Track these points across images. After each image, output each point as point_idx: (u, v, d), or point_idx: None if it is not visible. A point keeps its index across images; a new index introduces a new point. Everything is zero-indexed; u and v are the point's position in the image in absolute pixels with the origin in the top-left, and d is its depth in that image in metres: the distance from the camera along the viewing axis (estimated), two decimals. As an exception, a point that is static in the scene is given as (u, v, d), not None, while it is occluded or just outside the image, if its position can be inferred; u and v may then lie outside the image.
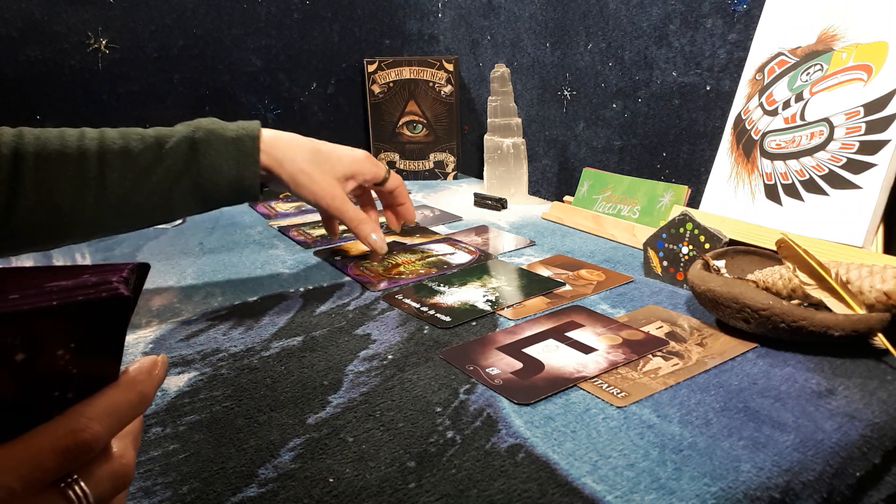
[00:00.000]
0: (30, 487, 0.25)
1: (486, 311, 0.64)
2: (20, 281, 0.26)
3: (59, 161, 0.61)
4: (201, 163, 0.65)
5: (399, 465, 0.42)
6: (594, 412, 0.47)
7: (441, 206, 1.07)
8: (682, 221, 0.68)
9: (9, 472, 0.25)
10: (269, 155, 0.67)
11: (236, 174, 0.66)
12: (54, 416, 0.27)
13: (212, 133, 0.66)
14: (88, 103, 1.08)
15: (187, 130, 0.65)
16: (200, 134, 0.65)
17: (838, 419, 0.45)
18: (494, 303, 0.66)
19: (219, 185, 0.66)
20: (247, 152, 0.66)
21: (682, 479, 0.39)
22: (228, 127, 0.67)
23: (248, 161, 0.66)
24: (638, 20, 0.93)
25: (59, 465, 0.26)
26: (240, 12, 1.19)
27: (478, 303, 0.66)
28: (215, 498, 0.39)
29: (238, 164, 0.66)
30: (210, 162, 0.65)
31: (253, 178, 0.67)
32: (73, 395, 0.28)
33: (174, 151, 0.64)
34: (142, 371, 0.30)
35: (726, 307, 0.55)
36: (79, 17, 1.05)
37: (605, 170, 0.99)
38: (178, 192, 0.65)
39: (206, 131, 0.66)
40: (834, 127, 0.67)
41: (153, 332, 0.63)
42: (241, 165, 0.66)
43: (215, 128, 0.66)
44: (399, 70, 1.24)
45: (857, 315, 0.51)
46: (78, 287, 0.26)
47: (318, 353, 0.57)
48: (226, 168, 0.65)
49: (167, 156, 0.64)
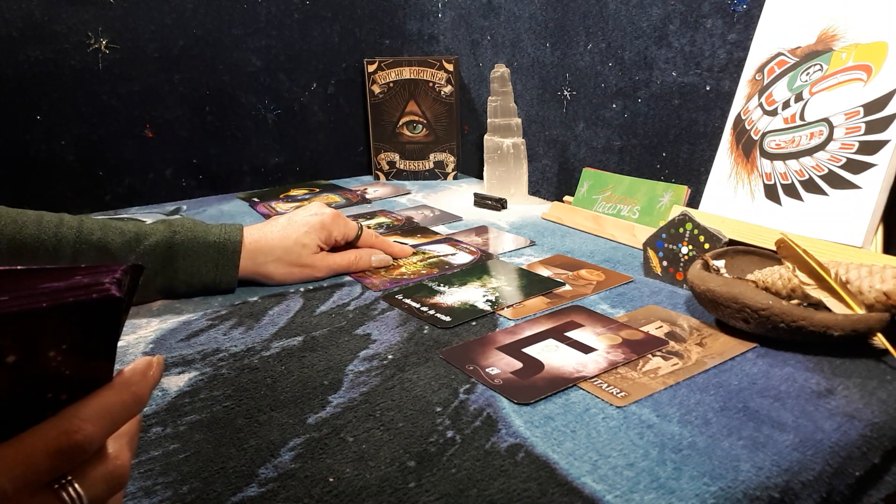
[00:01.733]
0: (23, 489, 0.25)
1: (486, 311, 0.64)
2: (11, 282, 0.25)
3: (33, 248, 0.60)
4: (178, 266, 0.67)
5: (399, 464, 0.42)
6: (594, 412, 0.47)
7: (441, 207, 1.07)
8: (681, 221, 0.68)
9: (1, 473, 0.25)
10: (250, 259, 0.70)
11: (213, 278, 0.68)
12: (48, 418, 0.27)
13: (192, 238, 0.67)
14: (88, 103, 1.08)
15: (167, 232, 0.66)
16: (179, 238, 0.66)
17: (838, 419, 0.45)
18: (494, 303, 0.66)
19: (193, 286, 0.68)
20: (227, 258, 0.68)
21: (681, 478, 0.39)
22: (210, 231, 0.68)
23: (227, 267, 0.68)
24: (638, 20, 0.93)
25: (53, 467, 0.26)
26: (240, 12, 1.19)
27: (478, 303, 0.66)
28: (215, 498, 0.39)
29: (217, 269, 0.68)
30: (188, 266, 0.67)
31: (231, 282, 0.69)
32: (67, 396, 0.28)
33: (152, 250, 0.65)
34: (136, 372, 0.30)
35: (726, 307, 0.56)
36: (79, 17, 1.05)
37: (605, 170, 0.99)
38: (152, 289, 0.67)
39: (186, 236, 0.67)
40: (833, 127, 0.67)
41: (153, 332, 0.63)
42: (219, 271, 0.68)
43: (196, 232, 0.67)
44: (399, 70, 1.24)
45: (857, 315, 0.51)
46: (70, 288, 0.26)
47: (318, 353, 0.57)
48: (204, 272, 0.68)
49: (145, 254, 0.65)
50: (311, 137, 1.32)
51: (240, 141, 1.24)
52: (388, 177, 1.30)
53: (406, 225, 0.96)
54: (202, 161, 1.21)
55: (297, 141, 1.30)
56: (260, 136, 1.25)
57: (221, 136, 1.22)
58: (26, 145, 1.05)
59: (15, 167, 1.05)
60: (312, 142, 1.32)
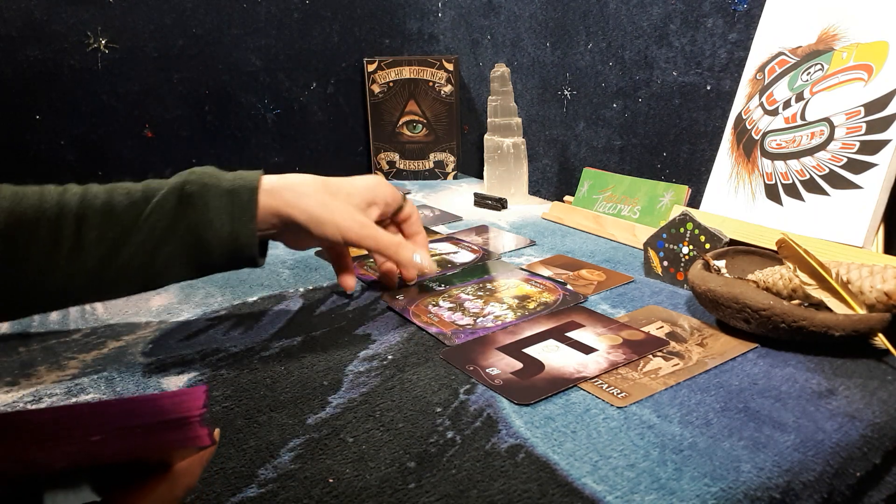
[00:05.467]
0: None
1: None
2: (98, 416, 0.25)
3: (33, 220, 0.53)
4: (190, 218, 0.56)
5: (399, 465, 0.42)
6: (594, 412, 0.47)
7: (441, 206, 1.07)
8: (682, 221, 0.68)
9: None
10: (277, 198, 0.58)
11: (229, 231, 0.56)
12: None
13: (204, 185, 0.57)
14: (88, 103, 1.08)
15: (178, 181, 0.57)
16: (191, 187, 0.57)
17: (839, 419, 0.45)
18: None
19: (209, 243, 0.56)
20: (242, 206, 0.57)
21: (682, 479, 0.39)
22: (224, 177, 0.58)
23: (243, 216, 0.57)
24: (638, 20, 0.93)
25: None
26: (240, 12, 1.18)
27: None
28: (215, 498, 0.39)
29: (232, 219, 0.56)
30: (200, 217, 0.56)
31: (250, 236, 0.57)
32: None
33: (160, 206, 0.56)
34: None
35: (727, 307, 0.55)
36: (78, 16, 1.05)
37: (606, 170, 0.99)
38: (164, 253, 0.56)
39: (199, 184, 0.57)
40: (834, 127, 0.67)
41: (153, 332, 0.63)
42: (235, 221, 0.56)
43: (209, 179, 0.57)
44: (399, 70, 1.24)
45: (858, 315, 0.51)
46: (158, 429, 0.26)
47: (318, 353, 0.57)
48: (218, 224, 0.56)
49: (153, 212, 0.55)
50: (310, 137, 1.32)
51: (239, 141, 1.24)
52: (388, 177, 1.30)
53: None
54: (202, 161, 1.20)
55: (297, 141, 1.30)
56: (259, 135, 1.25)
57: (221, 136, 1.22)
58: (26, 145, 1.05)
59: (15, 167, 1.05)
60: (312, 141, 1.32)
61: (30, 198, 0.54)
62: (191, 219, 0.56)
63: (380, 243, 0.63)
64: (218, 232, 0.56)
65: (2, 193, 0.54)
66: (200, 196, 0.56)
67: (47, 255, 0.53)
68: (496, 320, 0.62)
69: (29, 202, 0.54)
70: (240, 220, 0.57)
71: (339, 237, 0.61)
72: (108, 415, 0.25)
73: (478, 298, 0.67)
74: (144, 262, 0.55)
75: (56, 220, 0.54)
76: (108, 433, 0.25)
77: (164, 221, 0.56)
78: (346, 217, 0.61)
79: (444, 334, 0.59)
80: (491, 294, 0.68)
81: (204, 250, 0.56)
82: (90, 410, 0.25)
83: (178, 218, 0.56)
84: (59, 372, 0.55)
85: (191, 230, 0.56)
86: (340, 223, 0.60)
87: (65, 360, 0.57)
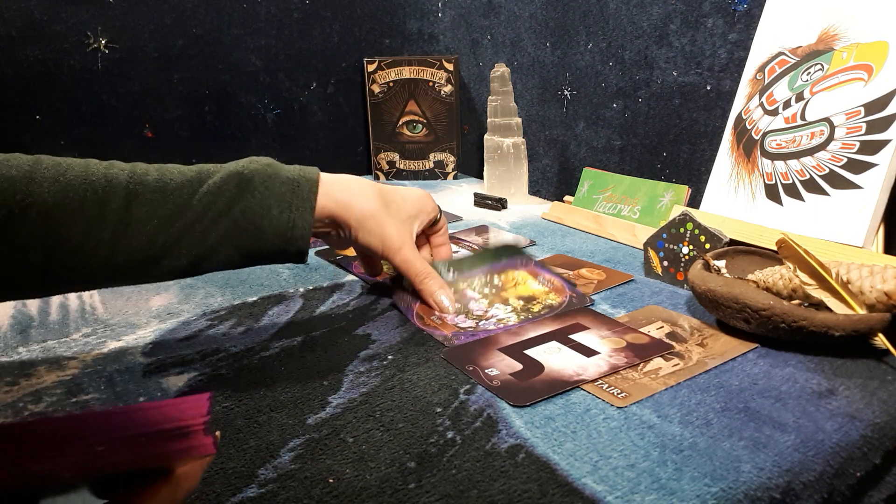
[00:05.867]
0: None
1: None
2: (102, 426, 0.25)
3: (80, 193, 0.50)
4: (248, 202, 0.54)
5: (399, 465, 0.42)
6: (594, 412, 0.47)
7: (441, 206, 1.06)
8: (682, 221, 0.68)
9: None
10: (332, 198, 0.58)
11: (287, 220, 0.55)
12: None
13: (265, 172, 0.56)
14: (88, 103, 1.08)
15: (237, 166, 0.56)
16: (250, 172, 0.55)
17: (839, 419, 0.45)
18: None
19: (264, 231, 0.55)
20: (303, 196, 0.56)
21: (682, 479, 0.39)
22: (284, 168, 0.57)
23: (303, 207, 0.56)
24: (638, 20, 0.93)
25: None
26: (240, 12, 1.18)
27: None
28: (215, 498, 0.39)
29: (291, 209, 0.55)
30: (258, 202, 0.54)
31: (305, 228, 0.56)
32: None
33: (217, 187, 0.54)
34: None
35: (727, 307, 0.55)
36: (78, 16, 1.05)
37: (606, 170, 0.99)
38: (214, 236, 0.53)
39: (258, 170, 0.56)
40: (834, 127, 0.67)
41: (152, 332, 0.63)
42: (294, 210, 0.55)
43: (269, 168, 0.56)
44: (399, 70, 1.24)
45: (858, 315, 0.51)
46: (162, 438, 0.26)
47: (318, 353, 0.57)
48: (276, 212, 0.55)
49: (208, 192, 0.54)
50: (310, 137, 1.32)
51: (239, 141, 1.23)
52: (388, 177, 1.30)
53: None
54: (202, 161, 1.20)
55: (297, 140, 1.30)
56: (259, 135, 1.25)
57: (221, 136, 1.22)
58: (26, 145, 1.05)
59: (14, 167, 1.05)
60: (312, 141, 1.32)
61: (75, 169, 0.51)
62: (248, 203, 0.54)
63: (411, 269, 0.63)
64: (275, 220, 0.55)
65: (43, 163, 0.51)
66: (262, 182, 0.55)
67: (93, 228, 0.50)
68: (499, 324, 0.61)
69: (75, 173, 0.51)
70: (299, 210, 0.55)
71: (380, 250, 0.61)
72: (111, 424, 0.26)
73: (483, 298, 0.67)
74: (192, 241, 0.53)
75: (104, 192, 0.51)
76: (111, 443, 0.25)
77: (220, 204, 0.54)
78: (391, 232, 0.61)
79: (445, 336, 0.59)
80: (497, 292, 0.68)
81: (257, 237, 0.55)
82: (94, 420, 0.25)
83: (234, 201, 0.54)
84: (59, 372, 0.55)
85: (246, 215, 0.54)
86: (386, 239, 0.61)
87: (65, 360, 0.57)
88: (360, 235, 0.60)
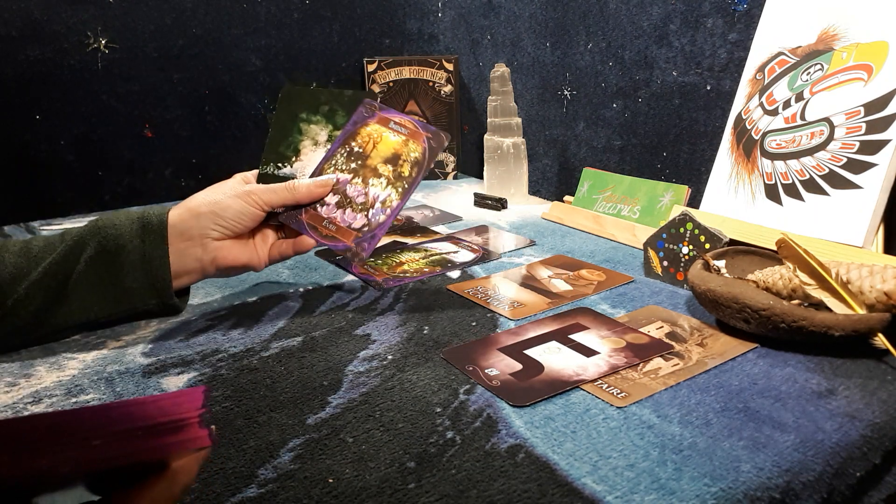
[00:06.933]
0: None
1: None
2: (97, 421, 0.25)
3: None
4: (103, 233, 0.58)
5: (399, 465, 0.42)
6: (594, 412, 0.47)
7: (441, 206, 1.07)
8: (682, 221, 0.68)
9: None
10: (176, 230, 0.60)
11: (141, 252, 0.58)
12: None
13: (115, 213, 0.60)
14: (88, 103, 1.08)
15: (89, 225, 0.60)
16: (100, 223, 0.59)
17: (838, 419, 0.45)
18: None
19: (118, 275, 0.58)
20: (153, 230, 0.59)
21: (682, 479, 0.39)
22: (133, 210, 0.61)
23: (155, 239, 0.59)
24: (638, 20, 0.93)
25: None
26: (240, 12, 1.18)
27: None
28: (215, 498, 0.39)
29: (143, 243, 0.58)
30: (106, 240, 0.58)
31: (162, 258, 0.59)
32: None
33: (69, 232, 0.59)
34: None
35: (726, 307, 0.55)
36: (78, 16, 1.05)
37: (606, 170, 0.99)
38: (74, 279, 0.57)
39: (109, 215, 0.60)
40: (834, 127, 0.67)
41: (152, 332, 0.63)
42: (146, 244, 0.58)
43: (119, 212, 0.61)
44: (399, 70, 1.24)
45: (858, 315, 0.51)
46: (158, 431, 0.26)
47: (318, 353, 0.57)
48: (130, 247, 0.58)
49: (63, 239, 0.58)
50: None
51: (239, 140, 1.23)
52: (388, 176, 1.30)
53: (406, 225, 0.96)
54: (202, 161, 1.21)
55: (297, 141, 1.30)
56: (259, 135, 1.25)
57: (221, 136, 1.22)
58: (26, 145, 1.05)
59: (15, 167, 1.05)
60: (312, 141, 1.32)
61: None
62: (103, 233, 0.59)
63: (273, 194, 0.62)
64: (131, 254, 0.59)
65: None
66: (110, 219, 0.59)
67: None
68: (384, 207, 0.60)
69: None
70: (150, 243, 0.59)
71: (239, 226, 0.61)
72: (108, 418, 0.25)
73: (354, 176, 0.64)
74: (52, 288, 0.57)
75: None
76: (108, 437, 0.25)
77: (76, 250, 0.58)
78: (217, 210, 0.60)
79: (350, 249, 0.57)
80: (364, 162, 0.65)
81: (110, 281, 0.59)
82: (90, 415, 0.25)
83: (87, 239, 0.58)
84: (59, 372, 0.55)
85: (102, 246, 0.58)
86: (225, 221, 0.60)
87: (65, 361, 0.57)
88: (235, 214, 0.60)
